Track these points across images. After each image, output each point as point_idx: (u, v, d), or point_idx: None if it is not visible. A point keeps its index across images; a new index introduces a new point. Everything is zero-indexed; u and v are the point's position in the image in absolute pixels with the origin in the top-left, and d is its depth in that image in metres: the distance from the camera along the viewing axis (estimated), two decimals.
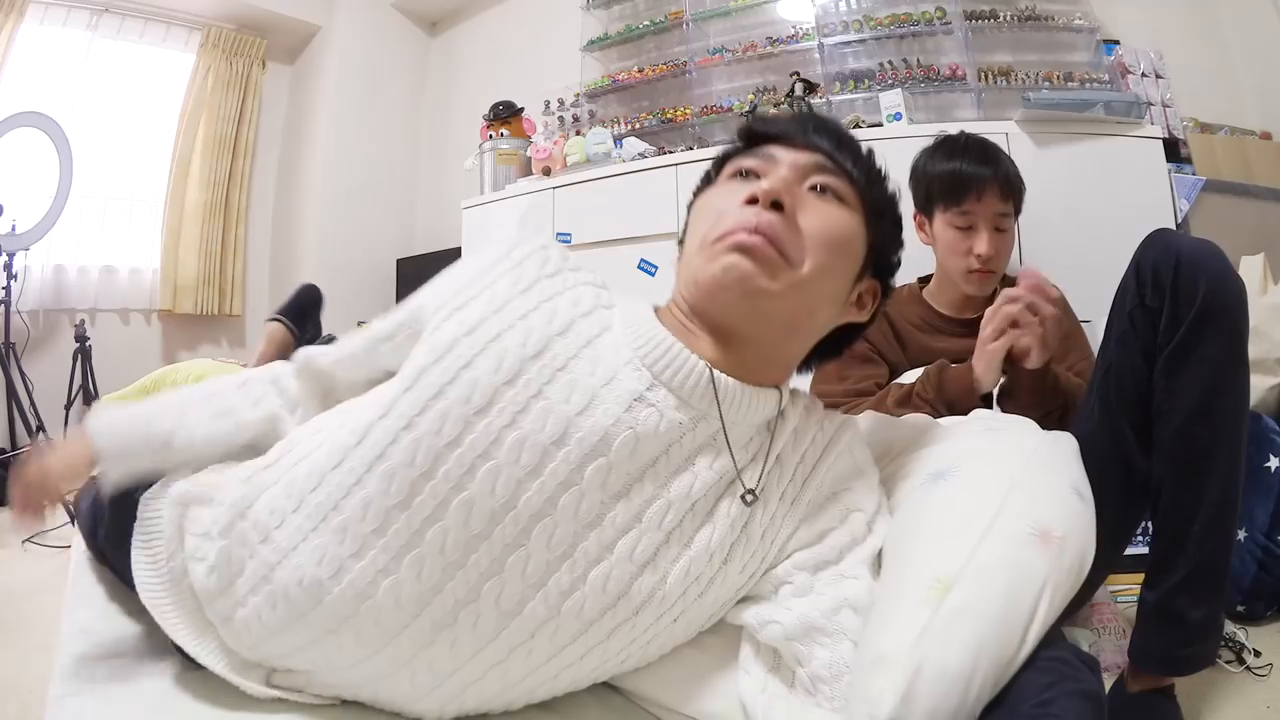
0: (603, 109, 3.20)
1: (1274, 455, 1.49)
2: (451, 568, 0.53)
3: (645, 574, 0.56)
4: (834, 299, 0.66)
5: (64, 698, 0.61)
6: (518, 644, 0.55)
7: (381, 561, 0.53)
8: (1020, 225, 1.75)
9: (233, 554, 0.59)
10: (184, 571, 0.63)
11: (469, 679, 0.56)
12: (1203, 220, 1.83)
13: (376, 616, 0.54)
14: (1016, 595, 0.55)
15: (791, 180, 0.62)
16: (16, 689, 1.30)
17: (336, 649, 0.56)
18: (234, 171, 4.03)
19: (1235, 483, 0.86)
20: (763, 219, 0.58)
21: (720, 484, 0.60)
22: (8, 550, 2.14)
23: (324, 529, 0.56)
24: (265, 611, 0.57)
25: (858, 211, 0.65)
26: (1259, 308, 1.79)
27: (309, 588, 0.55)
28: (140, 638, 0.70)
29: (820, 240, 0.61)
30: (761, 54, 2.74)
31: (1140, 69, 2.22)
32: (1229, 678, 1.23)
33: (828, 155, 0.64)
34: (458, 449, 0.54)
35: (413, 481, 0.53)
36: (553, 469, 0.54)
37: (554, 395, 0.55)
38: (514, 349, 0.56)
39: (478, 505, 0.53)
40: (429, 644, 0.54)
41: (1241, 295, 0.84)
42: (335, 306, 3.93)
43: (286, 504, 0.58)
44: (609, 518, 0.55)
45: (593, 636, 0.56)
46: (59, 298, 3.60)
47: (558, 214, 2.48)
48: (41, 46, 3.49)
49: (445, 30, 4.33)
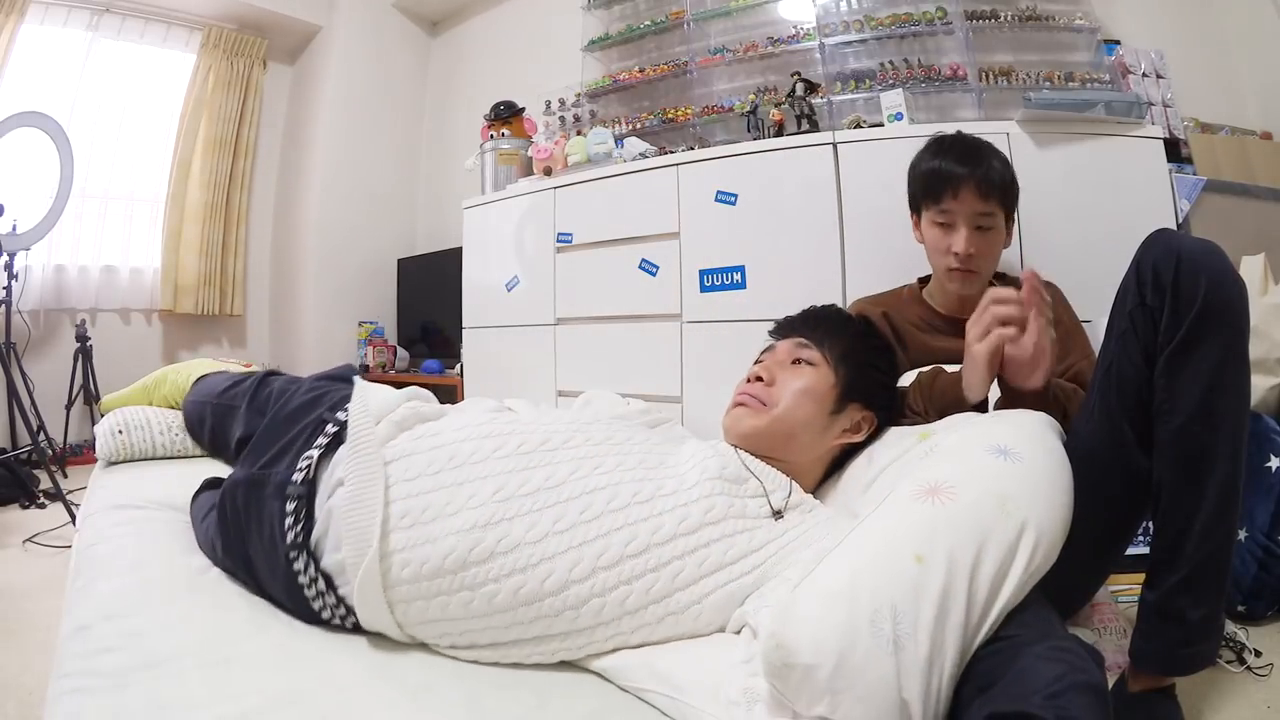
0: (603, 109, 3.20)
1: (1274, 455, 1.49)
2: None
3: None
4: (808, 425, 0.94)
5: (63, 697, 0.61)
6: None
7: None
8: (1021, 225, 1.76)
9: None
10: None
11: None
12: (1203, 220, 1.83)
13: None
14: (894, 535, 0.62)
15: (781, 360, 1.00)
16: (16, 689, 1.30)
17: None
18: (235, 171, 4.04)
19: (1236, 483, 0.86)
20: (750, 388, 0.98)
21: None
22: (8, 550, 2.14)
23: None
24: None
25: (824, 367, 0.97)
26: (1259, 308, 1.78)
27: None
28: (140, 638, 0.70)
29: (788, 389, 0.95)
30: (762, 54, 2.74)
31: (1141, 69, 2.22)
32: (1229, 677, 1.23)
33: (806, 337, 1.01)
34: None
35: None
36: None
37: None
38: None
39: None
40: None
41: (1242, 295, 0.84)
42: (336, 306, 3.96)
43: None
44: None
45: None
46: (60, 297, 3.61)
47: (558, 214, 2.48)
48: (42, 46, 3.50)
49: (446, 30, 4.34)
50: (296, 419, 0.93)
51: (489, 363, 2.74)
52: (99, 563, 0.91)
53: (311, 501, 0.80)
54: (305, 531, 0.78)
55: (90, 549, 0.97)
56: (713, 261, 2.09)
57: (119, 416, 1.50)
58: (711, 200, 2.07)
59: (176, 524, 1.03)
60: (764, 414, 0.93)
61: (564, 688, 0.71)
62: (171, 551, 0.95)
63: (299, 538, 0.77)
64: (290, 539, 0.77)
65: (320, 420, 0.89)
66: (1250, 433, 1.56)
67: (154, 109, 3.88)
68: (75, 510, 2.32)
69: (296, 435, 0.90)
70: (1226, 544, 0.87)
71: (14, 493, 2.66)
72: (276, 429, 0.94)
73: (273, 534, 0.79)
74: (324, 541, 0.77)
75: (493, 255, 2.75)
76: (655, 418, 1.34)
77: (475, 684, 0.70)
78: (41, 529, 2.26)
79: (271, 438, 0.92)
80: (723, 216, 2.07)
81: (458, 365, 3.27)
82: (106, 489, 1.27)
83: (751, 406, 0.94)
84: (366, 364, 3.88)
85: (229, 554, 0.86)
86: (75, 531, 1.13)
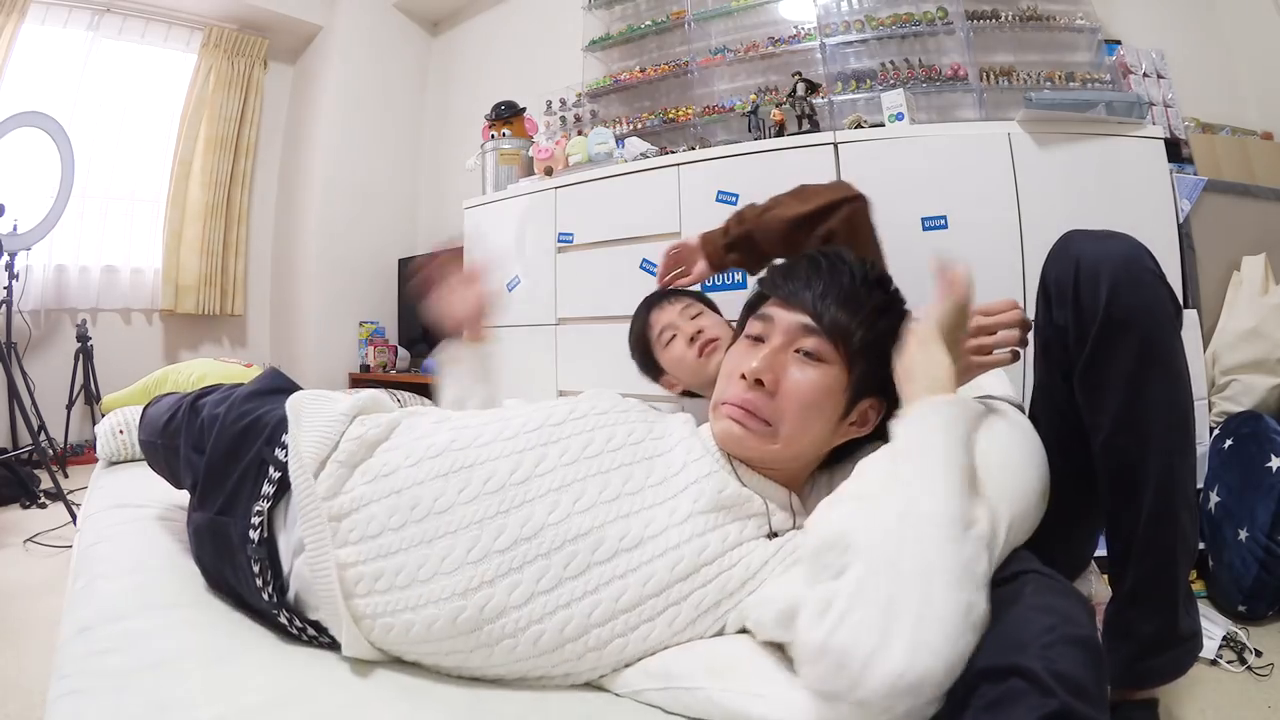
0: (604, 109, 3.20)
1: (1275, 455, 1.48)
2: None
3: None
4: (816, 440, 0.80)
5: (64, 697, 0.61)
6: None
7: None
8: (1021, 226, 1.76)
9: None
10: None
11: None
12: (1204, 221, 1.83)
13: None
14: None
15: (780, 349, 0.79)
16: (17, 689, 1.31)
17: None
18: (235, 171, 4.04)
19: (1173, 491, 0.83)
20: (747, 398, 0.78)
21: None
22: (8, 550, 2.14)
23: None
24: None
25: (837, 363, 0.78)
26: (1260, 307, 1.79)
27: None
28: (141, 638, 0.71)
29: (796, 404, 0.77)
30: (763, 54, 2.74)
31: (1142, 69, 2.22)
32: (1230, 677, 1.23)
33: (816, 315, 0.78)
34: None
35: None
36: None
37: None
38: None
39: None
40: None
41: (1152, 297, 0.80)
42: (337, 306, 3.96)
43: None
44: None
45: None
46: (60, 297, 3.61)
47: (559, 214, 2.47)
48: (43, 47, 3.50)
49: (447, 30, 4.34)
50: (237, 455, 0.81)
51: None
52: (100, 563, 0.91)
53: (276, 558, 0.74)
54: (279, 590, 0.74)
55: (91, 549, 0.97)
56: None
57: (120, 416, 1.50)
58: (712, 200, 2.06)
59: (177, 524, 1.03)
60: (767, 440, 0.77)
61: (563, 688, 0.71)
62: (172, 551, 0.95)
63: (273, 597, 0.73)
64: (266, 597, 0.73)
65: (260, 461, 0.79)
66: (1251, 432, 1.58)
67: (155, 109, 3.88)
68: (76, 510, 2.33)
69: (241, 479, 0.80)
70: (1169, 555, 0.84)
71: (15, 492, 2.66)
72: (218, 470, 0.82)
73: (250, 584, 0.75)
74: (303, 600, 0.73)
75: (494, 255, 2.75)
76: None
77: (475, 683, 0.70)
78: (42, 529, 2.27)
79: (217, 480, 0.82)
80: (724, 216, 2.05)
81: None
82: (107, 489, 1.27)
83: (752, 429, 0.77)
84: (367, 364, 3.88)
85: (217, 590, 0.83)
86: (76, 531, 1.13)
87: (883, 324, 0.79)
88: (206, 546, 0.83)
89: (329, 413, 0.80)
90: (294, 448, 0.75)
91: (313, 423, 0.78)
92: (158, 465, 1.10)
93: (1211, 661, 1.27)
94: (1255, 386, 1.72)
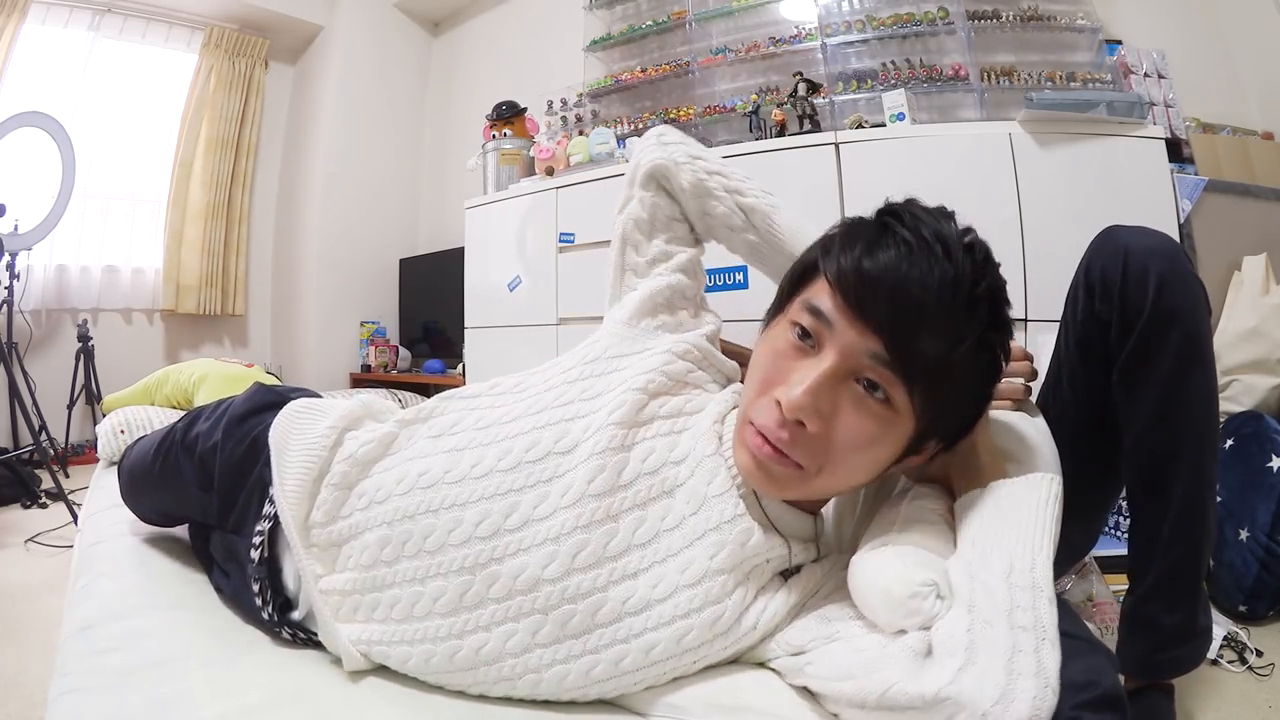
0: (605, 109, 3.20)
1: (1275, 455, 1.49)
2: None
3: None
4: (858, 485, 0.69)
5: (65, 695, 0.61)
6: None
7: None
8: (1022, 226, 1.76)
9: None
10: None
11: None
12: (1205, 221, 1.83)
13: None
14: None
15: (833, 376, 0.59)
16: (17, 689, 1.31)
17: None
18: (236, 171, 4.05)
19: (1202, 487, 0.85)
20: (780, 436, 0.60)
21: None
22: (9, 550, 2.14)
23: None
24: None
25: (905, 416, 0.60)
26: (1260, 307, 1.79)
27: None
28: (143, 637, 0.71)
29: (844, 452, 0.60)
30: (764, 54, 2.74)
31: (1143, 69, 2.22)
32: (1230, 677, 1.23)
33: (889, 344, 0.57)
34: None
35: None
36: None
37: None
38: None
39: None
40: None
41: (1195, 293, 0.81)
42: (338, 306, 3.97)
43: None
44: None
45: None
46: (61, 297, 3.61)
47: (561, 214, 2.48)
48: (43, 47, 3.50)
49: (448, 30, 4.34)
50: (244, 475, 0.79)
51: (491, 362, 2.74)
52: (102, 562, 0.91)
53: (277, 577, 0.74)
54: (280, 608, 0.74)
55: (93, 549, 0.97)
56: (714, 261, 2.06)
57: (121, 416, 1.50)
58: None
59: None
60: (795, 483, 0.63)
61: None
62: (174, 551, 0.95)
63: (273, 616, 0.73)
64: (266, 616, 0.74)
65: (263, 483, 0.76)
66: (1251, 432, 1.58)
67: (156, 109, 3.89)
68: (77, 510, 2.33)
69: (248, 499, 0.78)
70: (1196, 549, 0.86)
71: (16, 492, 2.67)
72: (229, 491, 0.80)
73: (252, 602, 0.76)
74: (309, 623, 0.74)
75: (495, 255, 2.76)
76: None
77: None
78: (43, 529, 2.27)
79: (229, 501, 0.80)
80: None
81: (460, 365, 3.27)
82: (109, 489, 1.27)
83: (787, 469, 0.61)
84: (368, 363, 3.88)
85: (225, 599, 0.84)
86: (77, 531, 1.13)
87: (984, 360, 0.61)
88: (221, 566, 0.83)
89: (313, 434, 0.76)
90: (278, 481, 0.72)
91: (298, 447, 0.75)
92: (141, 508, 0.99)
93: (1212, 661, 1.27)
94: (1256, 386, 1.72)
